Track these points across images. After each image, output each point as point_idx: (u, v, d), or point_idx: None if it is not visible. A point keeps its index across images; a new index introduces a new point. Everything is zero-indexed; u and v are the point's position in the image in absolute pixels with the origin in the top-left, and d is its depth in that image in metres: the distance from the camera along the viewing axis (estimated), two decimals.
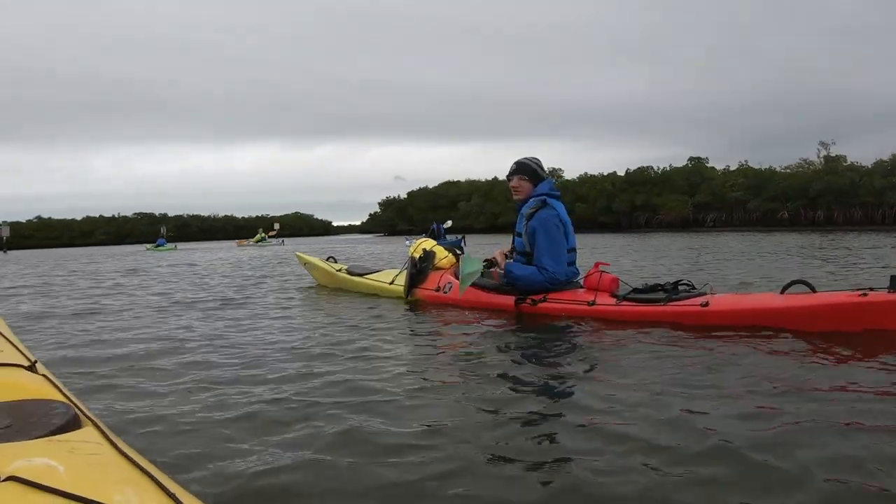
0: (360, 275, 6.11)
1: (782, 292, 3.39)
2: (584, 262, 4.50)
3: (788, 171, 40.31)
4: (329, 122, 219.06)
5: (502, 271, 4.39)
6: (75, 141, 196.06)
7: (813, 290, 3.30)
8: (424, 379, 2.67)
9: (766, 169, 41.23)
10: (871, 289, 3.11)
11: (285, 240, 40.64)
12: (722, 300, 3.48)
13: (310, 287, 7.05)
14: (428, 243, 5.42)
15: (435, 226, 6.19)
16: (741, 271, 7.43)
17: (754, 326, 3.23)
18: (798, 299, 3.24)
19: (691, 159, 47.14)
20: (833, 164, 38.78)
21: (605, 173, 49.62)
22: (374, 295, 5.68)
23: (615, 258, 10.07)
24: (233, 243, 40.28)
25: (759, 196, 39.84)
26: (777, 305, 3.29)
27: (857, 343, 2.86)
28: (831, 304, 3.14)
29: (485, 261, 4.55)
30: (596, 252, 11.35)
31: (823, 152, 40.04)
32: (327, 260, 6.85)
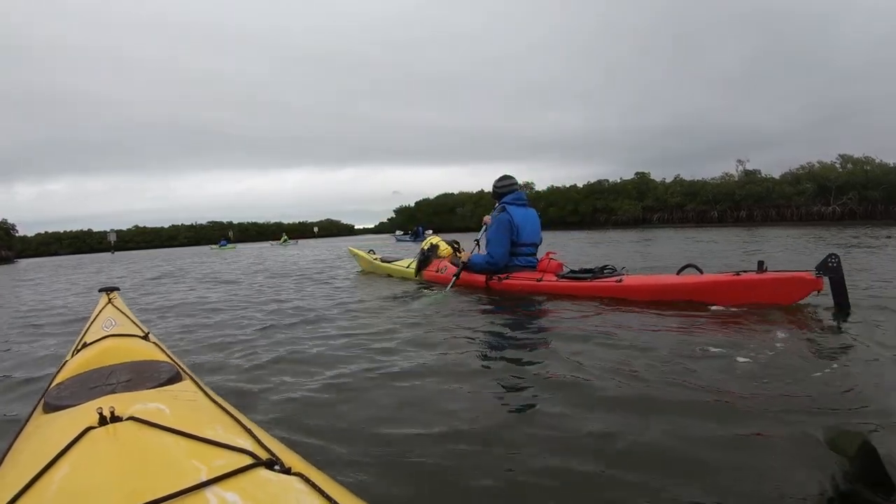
0: (389, 262, 6.62)
1: (678, 273, 3.45)
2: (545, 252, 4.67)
3: (715, 181, 40.66)
4: (349, 153, 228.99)
5: (466, 261, 4.68)
6: (163, 171, 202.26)
7: (700, 271, 3.37)
8: (412, 332, 2.85)
9: (698, 181, 41.46)
10: (745, 270, 3.17)
11: (299, 241, 44.10)
12: (632, 279, 3.56)
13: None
14: (435, 239, 5.85)
15: (417, 227, 6.71)
16: (659, 258, 7.49)
17: (654, 300, 3.32)
18: (689, 278, 3.30)
19: (637, 173, 46.85)
20: (751, 175, 39.31)
21: (568, 185, 49.83)
22: (399, 277, 6.07)
23: (566, 246, 10.16)
24: (268, 243, 43.51)
25: (694, 200, 40.22)
26: (672, 283, 3.36)
27: (731, 311, 2.94)
28: (713, 282, 3.18)
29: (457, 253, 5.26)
30: (554, 245, 11.40)
31: (741, 167, 40.78)
32: (369, 252, 7.48)
